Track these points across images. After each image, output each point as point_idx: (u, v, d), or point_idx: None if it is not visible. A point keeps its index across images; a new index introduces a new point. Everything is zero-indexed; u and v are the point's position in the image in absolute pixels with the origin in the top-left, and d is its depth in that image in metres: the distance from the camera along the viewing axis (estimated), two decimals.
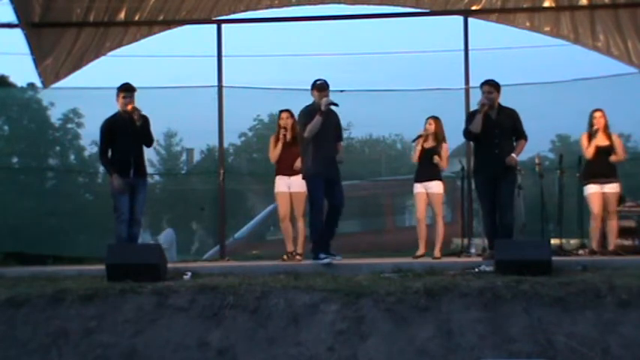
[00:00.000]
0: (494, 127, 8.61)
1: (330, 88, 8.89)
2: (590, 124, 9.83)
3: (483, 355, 6.08)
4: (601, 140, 9.77)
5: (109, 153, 8.90)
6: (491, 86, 8.70)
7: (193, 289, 6.77)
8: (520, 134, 8.80)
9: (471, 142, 9.69)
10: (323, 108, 8.63)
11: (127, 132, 8.70)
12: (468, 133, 8.85)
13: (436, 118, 10.11)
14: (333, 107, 8.82)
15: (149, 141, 9.00)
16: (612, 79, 11.96)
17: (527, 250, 7.34)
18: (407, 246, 10.20)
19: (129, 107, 8.72)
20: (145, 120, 8.83)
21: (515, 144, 8.85)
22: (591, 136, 9.79)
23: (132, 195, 8.74)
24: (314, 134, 8.63)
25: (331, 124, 8.79)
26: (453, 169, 11.81)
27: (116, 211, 8.77)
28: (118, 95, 8.86)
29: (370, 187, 14.29)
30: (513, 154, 8.65)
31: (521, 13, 12.58)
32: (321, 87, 8.75)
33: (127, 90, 8.84)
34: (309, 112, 8.72)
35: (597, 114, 9.83)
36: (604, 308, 6.33)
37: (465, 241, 10.61)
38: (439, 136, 10.02)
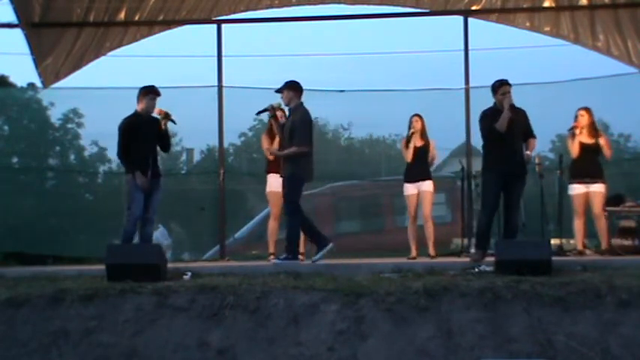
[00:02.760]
0: (513, 126, 8.59)
1: (331, 88, 9.03)
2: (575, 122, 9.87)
3: (483, 355, 6.08)
4: (585, 138, 9.78)
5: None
6: (509, 85, 8.71)
7: (193, 289, 6.77)
8: (530, 133, 8.81)
9: (478, 141, 9.61)
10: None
11: (146, 133, 8.72)
12: (492, 132, 8.65)
13: (420, 116, 10.13)
14: (301, 110, 9.02)
15: (168, 146, 9.09)
16: (612, 79, 11.96)
17: (527, 250, 7.34)
18: (407, 246, 10.20)
19: (159, 111, 8.75)
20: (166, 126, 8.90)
21: (524, 143, 8.81)
22: (573, 134, 9.82)
23: (148, 195, 8.75)
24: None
25: (287, 127, 8.96)
26: (453, 169, 11.82)
27: (129, 209, 8.76)
28: (141, 95, 8.83)
29: (370, 187, 14.29)
30: (528, 152, 8.70)
31: (521, 13, 12.59)
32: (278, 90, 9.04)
33: (153, 92, 8.85)
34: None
35: (580, 112, 9.87)
36: (604, 308, 6.33)
37: (465, 241, 10.61)
38: (425, 134, 10.04)
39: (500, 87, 8.70)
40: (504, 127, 8.56)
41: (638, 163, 12.79)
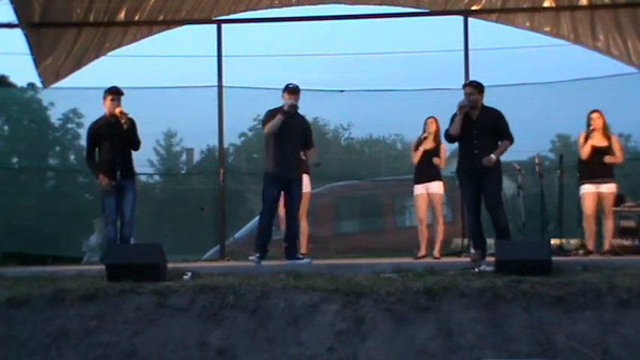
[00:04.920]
0: (474, 127, 8.58)
1: (331, 88, 9.02)
2: (588, 125, 9.86)
3: (483, 355, 6.08)
4: (598, 141, 9.79)
5: (96, 156, 8.90)
6: (473, 87, 8.67)
7: (193, 289, 6.77)
8: (503, 135, 8.69)
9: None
10: (285, 109, 8.85)
11: (112, 134, 8.70)
12: (447, 136, 8.80)
13: (435, 118, 10.12)
14: (302, 115, 9.06)
15: (136, 145, 8.95)
16: (612, 79, 11.97)
17: (527, 250, 7.34)
18: (407, 246, 10.22)
19: (117, 110, 8.71)
20: (131, 123, 8.80)
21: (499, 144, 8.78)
22: (587, 136, 9.82)
23: (120, 197, 8.75)
24: (274, 133, 8.86)
25: (298, 129, 8.94)
26: (453, 169, 11.80)
27: (104, 212, 8.81)
28: (105, 97, 8.84)
29: (370, 187, 14.30)
30: (492, 155, 8.51)
31: (521, 13, 12.60)
32: (291, 90, 8.96)
33: (115, 93, 8.83)
34: (274, 112, 8.95)
35: (594, 115, 9.87)
36: (604, 308, 6.33)
37: (465, 241, 10.61)
38: (438, 137, 10.02)
39: (465, 87, 8.74)
40: (456, 131, 8.58)
41: (638, 163, 12.79)
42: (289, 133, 8.89)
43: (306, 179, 9.75)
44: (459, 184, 9.00)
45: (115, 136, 8.70)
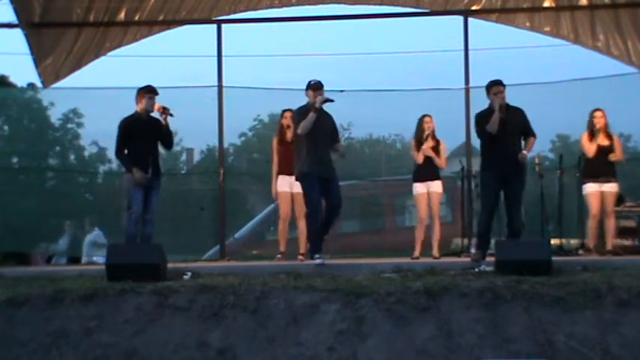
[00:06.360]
0: (506, 125, 8.62)
1: (331, 88, 8.92)
2: (591, 124, 9.86)
3: (483, 355, 6.08)
4: (602, 140, 9.81)
5: (125, 152, 8.88)
6: (502, 85, 8.75)
7: (193, 289, 6.77)
8: (529, 132, 8.82)
9: (477, 141, 9.58)
10: (317, 105, 8.64)
11: (144, 132, 8.71)
12: (484, 133, 8.73)
13: (431, 116, 10.10)
14: (327, 108, 8.82)
15: (171, 143, 9.03)
16: (612, 79, 11.97)
17: (527, 250, 7.34)
18: (407, 246, 10.19)
19: (156, 107, 8.71)
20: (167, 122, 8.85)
21: (523, 142, 8.83)
22: (593, 135, 9.82)
23: (146, 195, 8.74)
24: (308, 132, 8.62)
25: (326, 124, 8.81)
26: (453, 169, 11.80)
27: (129, 209, 8.75)
28: (139, 96, 8.84)
29: (370, 187, 14.30)
30: (524, 152, 8.70)
31: (521, 13, 12.60)
32: (315, 87, 8.78)
33: (152, 91, 8.86)
34: (303, 111, 8.76)
35: (598, 113, 9.88)
36: (604, 308, 6.33)
37: (465, 241, 10.61)
38: (435, 135, 10.02)
39: (492, 87, 8.75)
40: (495, 129, 8.59)
41: (638, 163, 12.80)
42: (320, 129, 8.67)
43: None
44: (482, 181, 8.97)
45: (146, 134, 8.71)
